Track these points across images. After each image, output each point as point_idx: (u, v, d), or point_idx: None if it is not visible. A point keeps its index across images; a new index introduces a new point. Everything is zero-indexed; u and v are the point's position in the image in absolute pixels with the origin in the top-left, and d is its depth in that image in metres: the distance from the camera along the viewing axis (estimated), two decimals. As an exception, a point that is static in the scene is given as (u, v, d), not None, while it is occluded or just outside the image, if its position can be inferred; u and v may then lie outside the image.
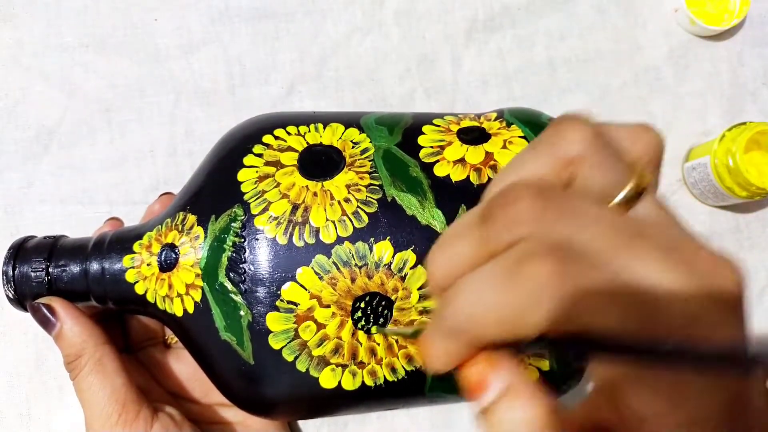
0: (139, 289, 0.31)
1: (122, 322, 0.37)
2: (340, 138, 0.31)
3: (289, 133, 0.31)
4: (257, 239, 0.28)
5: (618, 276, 0.16)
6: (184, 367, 0.36)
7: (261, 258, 0.28)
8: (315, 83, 0.45)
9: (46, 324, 0.31)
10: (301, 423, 0.41)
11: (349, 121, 0.33)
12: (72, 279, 0.31)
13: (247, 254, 0.28)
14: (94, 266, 0.31)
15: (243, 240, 0.28)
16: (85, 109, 0.43)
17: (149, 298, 0.31)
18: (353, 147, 0.31)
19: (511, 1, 0.46)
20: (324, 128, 0.32)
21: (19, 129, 0.43)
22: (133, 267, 0.31)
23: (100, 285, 0.31)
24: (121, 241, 0.32)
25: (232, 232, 0.29)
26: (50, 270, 0.31)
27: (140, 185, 0.43)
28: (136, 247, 0.31)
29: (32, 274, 0.31)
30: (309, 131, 0.32)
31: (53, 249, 0.32)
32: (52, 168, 0.43)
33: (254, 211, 0.29)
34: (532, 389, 0.17)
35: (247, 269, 0.28)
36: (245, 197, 0.29)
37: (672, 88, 0.46)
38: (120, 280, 0.31)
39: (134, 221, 0.39)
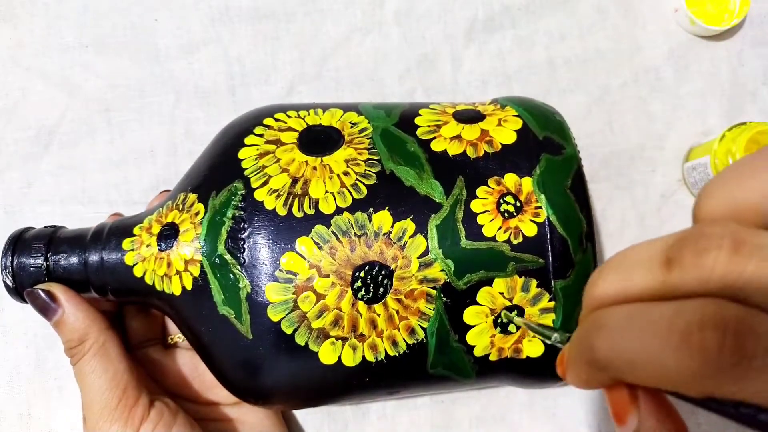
0: (137, 272, 0.31)
1: (122, 324, 0.37)
2: (339, 119, 0.32)
3: (289, 116, 0.32)
4: (257, 211, 0.28)
5: None
6: (182, 367, 0.36)
7: (260, 229, 0.28)
8: (315, 83, 0.45)
9: (46, 311, 0.31)
10: (302, 423, 0.41)
11: (347, 107, 0.34)
12: (71, 267, 0.31)
13: (246, 225, 0.28)
14: (94, 253, 0.31)
15: (243, 212, 0.29)
16: (85, 109, 0.43)
17: (147, 279, 0.31)
18: (352, 127, 0.32)
19: (511, 1, 0.46)
20: (323, 112, 0.33)
21: (19, 129, 0.43)
22: (132, 249, 0.31)
23: (99, 273, 0.31)
24: (120, 228, 0.32)
25: (232, 205, 0.29)
26: (49, 257, 0.31)
27: (140, 185, 0.43)
28: (136, 230, 0.31)
29: (31, 260, 0.31)
30: (309, 114, 0.33)
31: (52, 238, 0.32)
32: (52, 168, 0.43)
33: (254, 185, 0.29)
34: None
35: (246, 240, 0.28)
36: (246, 173, 0.29)
37: (672, 88, 0.46)
38: (119, 264, 0.31)
39: (134, 221, 0.39)
